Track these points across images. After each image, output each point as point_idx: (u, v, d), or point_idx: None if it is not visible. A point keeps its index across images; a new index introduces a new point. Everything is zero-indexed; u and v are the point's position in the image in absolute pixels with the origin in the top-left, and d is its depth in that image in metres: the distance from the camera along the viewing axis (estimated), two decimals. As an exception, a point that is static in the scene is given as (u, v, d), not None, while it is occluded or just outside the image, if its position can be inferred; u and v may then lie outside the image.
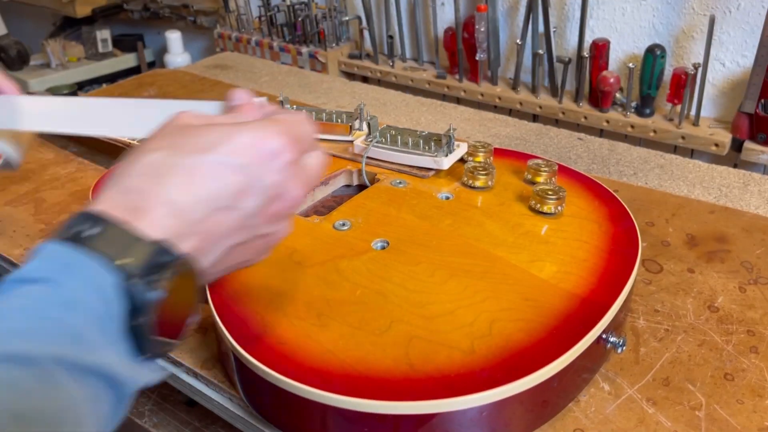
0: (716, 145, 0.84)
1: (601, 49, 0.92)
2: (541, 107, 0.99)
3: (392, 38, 1.17)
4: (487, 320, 0.39)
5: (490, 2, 0.99)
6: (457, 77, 1.09)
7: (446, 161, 0.55)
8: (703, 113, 0.88)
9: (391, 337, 0.38)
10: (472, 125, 0.84)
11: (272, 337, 0.38)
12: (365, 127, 0.61)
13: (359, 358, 0.36)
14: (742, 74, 0.85)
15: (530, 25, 0.97)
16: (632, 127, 0.91)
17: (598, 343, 0.39)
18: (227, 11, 1.41)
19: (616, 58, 0.95)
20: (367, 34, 1.22)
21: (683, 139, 0.87)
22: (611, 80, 0.90)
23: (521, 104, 1.01)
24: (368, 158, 0.58)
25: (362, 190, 0.55)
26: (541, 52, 0.97)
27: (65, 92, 1.72)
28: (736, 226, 0.57)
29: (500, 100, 1.04)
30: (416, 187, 0.54)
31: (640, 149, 0.74)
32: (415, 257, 0.45)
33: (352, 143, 0.61)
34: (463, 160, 0.57)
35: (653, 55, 0.86)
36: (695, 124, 0.87)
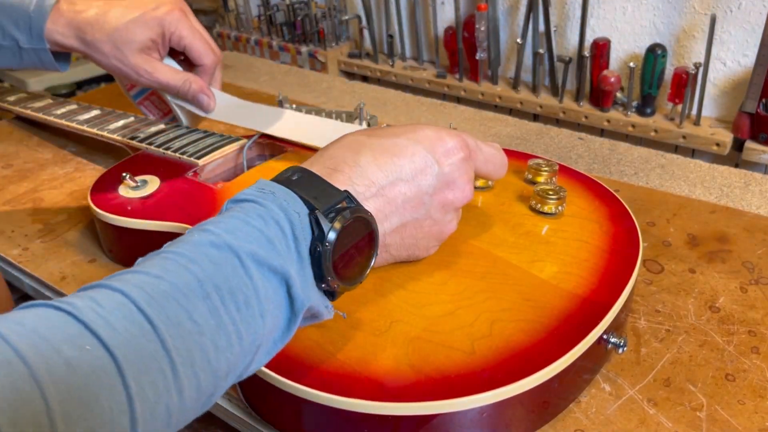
0: (717, 144, 0.84)
1: (601, 48, 0.92)
2: (541, 107, 0.99)
3: (392, 37, 1.16)
4: (487, 320, 0.38)
5: (490, 1, 0.99)
6: (457, 76, 1.09)
7: None
8: (704, 113, 0.87)
9: (391, 337, 0.37)
10: (472, 125, 0.83)
11: (271, 337, 0.38)
12: (365, 126, 0.61)
13: (359, 358, 0.36)
14: (743, 74, 0.85)
15: (531, 24, 0.97)
16: (633, 126, 0.90)
17: (599, 343, 0.39)
18: (226, 10, 1.41)
19: (616, 57, 0.95)
20: (366, 33, 1.22)
21: (684, 138, 0.87)
22: (612, 80, 0.89)
23: (522, 104, 1.01)
24: None
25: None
26: (541, 51, 0.96)
27: (64, 92, 1.71)
28: (737, 226, 0.57)
29: (500, 99, 1.04)
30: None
31: (641, 149, 0.74)
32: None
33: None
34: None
35: (654, 54, 0.86)
36: (696, 123, 0.87)
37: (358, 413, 0.34)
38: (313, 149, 0.60)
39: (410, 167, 0.39)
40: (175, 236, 0.33)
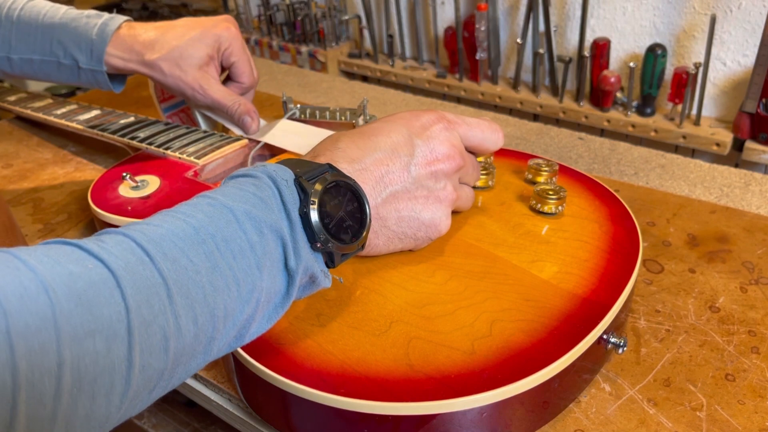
0: (717, 144, 0.84)
1: (601, 48, 0.92)
2: (541, 107, 0.99)
3: (392, 37, 1.16)
4: (487, 321, 0.38)
5: (490, 1, 0.99)
6: (457, 76, 1.09)
7: None
8: (704, 113, 0.88)
9: (391, 337, 0.37)
10: (472, 125, 0.83)
11: (272, 337, 0.38)
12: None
13: (359, 358, 0.36)
14: (743, 74, 0.85)
15: (531, 24, 0.97)
16: (633, 126, 0.90)
17: (598, 343, 0.39)
18: (226, 10, 1.41)
19: (617, 57, 0.95)
20: (366, 33, 1.22)
21: (684, 138, 0.87)
22: (612, 80, 0.89)
23: (522, 104, 1.01)
24: None
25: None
26: (541, 51, 0.96)
27: (64, 92, 1.71)
28: (737, 226, 0.57)
29: (501, 99, 1.04)
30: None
31: (641, 149, 0.74)
32: (415, 257, 0.45)
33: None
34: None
35: (654, 54, 0.86)
36: (696, 123, 0.87)
37: (358, 413, 0.34)
38: None
39: (389, 142, 0.41)
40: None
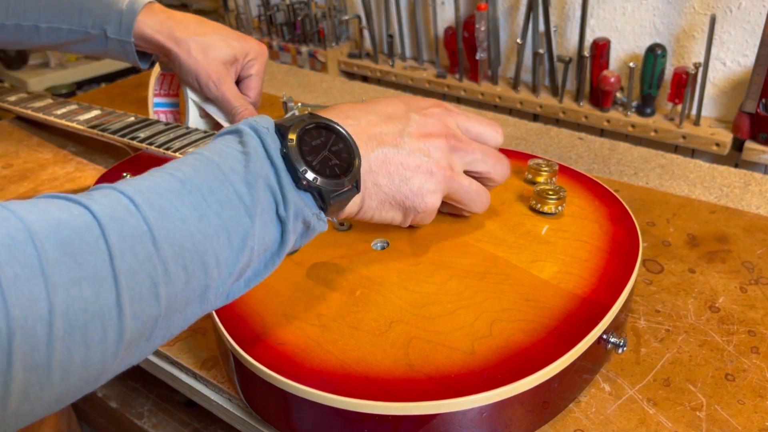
0: (717, 144, 0.84)
1: (601, 48, 0.92)
2: (541, 107, 0.99)
3: (392, 37, 1.16)
4: (487, 320, 0.38)
5: (490, 1, 0.99)
6: (457, 76, 1.09)
7: None
8: (704, 113, 0.88)
9: (391, 337, 0.38)
10: (472, 125, 0.83)
11: (272, 337, 0.38)
12: None
13: (359, 358, 0.36)
14: (743, 74, 0.85)
15: (531, 24, 0.97)
16: (633, 126, 0.90)
17: (598, 343, 0.39)
18: (226, 10, 1.41)
19: (616, 57, 0.95)
20: (366, 33, 1.22)
21: (684, 138, 0.87)
22: (612, 80, 0.89)
23: (522, 104, 1.01)
24: None
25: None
26: (541, 51, 0.96)
27: (64, 92, 1.71)
28: (737, 226, 0.57)
29: (501, 99, 1.04)
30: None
31: (640, 149, 0.74)
32: (415, 257, 0.45)
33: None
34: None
35: (654, 54, 0.86)
36: (696, 123, 0.87)
37: (358, 413, 0.34)
38: None
39: (386, 110, 0.42)
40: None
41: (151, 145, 0.62)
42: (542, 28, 0.97)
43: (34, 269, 0.25)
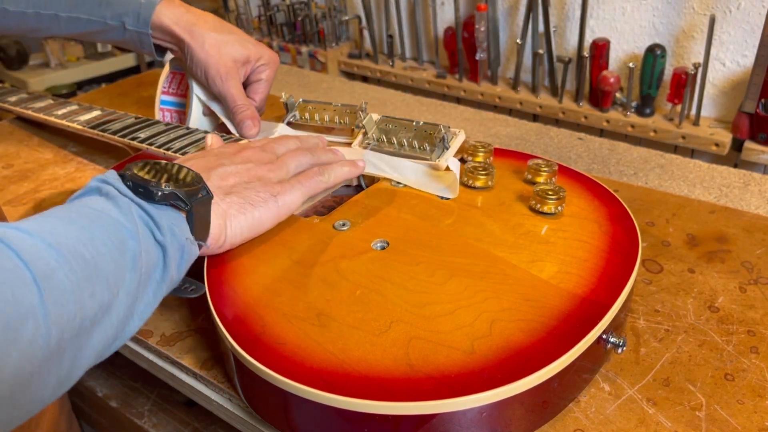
0: (716, 144, 0.84)
1: (601, 48, 0.92)
2: (541, 107, 0.99)
3: (392, 38, 1.17)
4: (487, 320, 0.38)
5: (490, 2, 0.99)
6: (457, 77, 1.09)
7: (443, 161, 0.55)
8: (703, 113, 0.88)
9: (391, 337, 0.38)
10: (472, 125, 0.84)
11: (272, 337, 0.38)
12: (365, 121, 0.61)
13: (359, 358, 0.36)
14: (742, 74, 0.85)
15: (530, 24, 0.97)
16: (632, 126, 0.91)
17: (598, 343, 0.39)
18: (226, 11, 1.41)
19: (616, 57, 0.95)
20: (366, 33, 1.22)
21: (683, 138, 0.87)
22: (611, 80, 0.90)
23: (521, 104, 1.01)
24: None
25: (362, 190, 0.55)
26: (541, 51, 0.97)
27: (64, 92, 1.71)
28: (736, 226, 0.57)
29: (500, 99, 1.04)
30: (416, 186, 0.54)
31: (640, 149, 0.74)
32: (415, 257, 0.45)
33: (350, 144, 0.61)
34: (463, 160, 0.57)
35: (653, 54, 0.86)
36: (695, 123, 0.87)
37: (358, 413, 0.34)
38: None
39: (196, 157, 0.49)
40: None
41: (151, 145, 0.62)
42: (542, 28, 0.97)
43: None
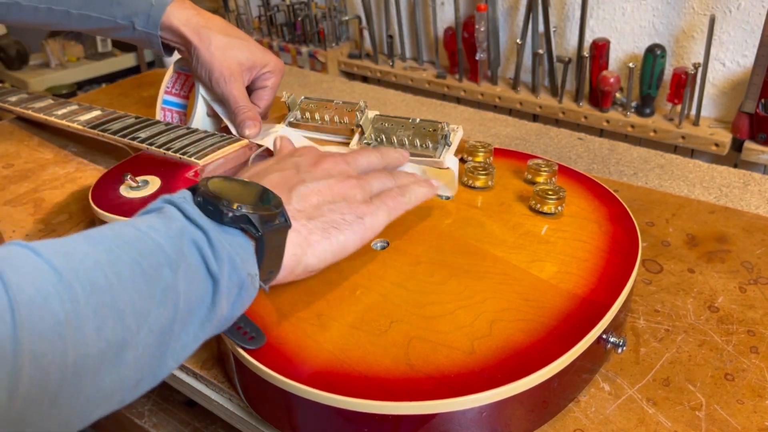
0: (716, 144, 0.84)
1: (601, 48, 0.92)
2: (541, 107, 0.99)
3: (392, 38, 1.17)
4: (487, 320, 0.39)
5: (490, 2, 0.99)
6: (457, 77, 1.09)
7: (446, 158, 0.55)
8: (703, 113, 0.88)
9: (390, 337, 0.38)
10: (472, 125, 0.84)
11: (272, 337, 0.38)
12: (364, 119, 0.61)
13: (359, 358, 0.36)
14: (742, 74, 0.85)
15: (530, 24, 0.97)
16: (632, 126, 0.91)
17: (598, 343, 0.39)
18: (227, 11, 1.41)
19: (616, 57, 0.95)
20: (366, 33, 1.22)
21: (683, 139, 0.87)
22: (611, 80, 0.90)
23: (521, 104, 1.01)
24: None
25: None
26: (541, 51, 0.97)
27: (64, 92, 1.71)
28: (736, 226, 0.57)
29: (500, 99, 1.04)
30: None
31: (640, 149, 0.74)
32: (415, 257, 0.45)
33: (348, 144, 0.61)
34: (463, 160, 0.57)
35: (653, 54, 0.86)
36: (695, 123, 0.87)
37: (358, 413, 0.34)
38: None
39: (273, 168, 0.44)
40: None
41: (151, 145, 0.62)
42: (542, 28, 0.97)
43: None
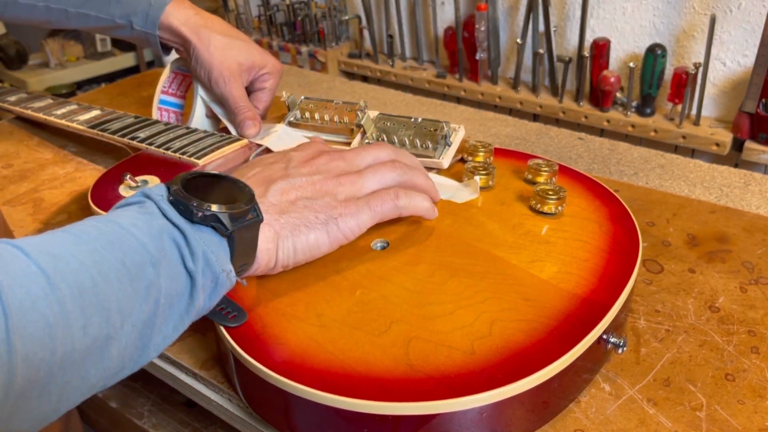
0: (717, 144, 0.84)
1: (601, 48, 0.92)
2: (541, 107, 0.99)
3: (392, 37, 1.17)
4: (487, 321, 0.38)
5: (490, 1, 0.99)
6: (457, 77, 1.09)
7: (446, 159, 0.55)
8: (703, 113, 0.88)
9: (391, 337, 0.38)
10: (472, 125, 0.83)
11: (272, 337, 0.38)
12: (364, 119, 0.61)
13: (359, 358, 0.36)
14: (742, 74, 0.85)
15: (530, 24, 0.97)
16: (633, 126, 0.90)
17: (598, 343, 0.39)
18: (226, 10, 1.41)
19: (616, 57, 0.95)
20: (366, 33, 1.22)
21: (684, 138, 0.87)
22: (612, 80, 0.90)
23: (521, 104, 1.01)
24: None
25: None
26: (541, 51, 0.97)
27: (64, 92, 1.71)
28: (737, 226, 0.57)
29: (500, 99, 1.04)
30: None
31: (640, 149, 0.74)
32: (415, 257, 0.45)
33: (349, 144, 0.61)
34: (463, 160, 0.57)
35: (654, 54, 0.86)
36: (696, 123, 0.87)
37: (358, 413, 0.34)
38: None
39: (264, 162, 0.44)
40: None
41: (150, 145, 0.62)
42: (542, 28, 0.97)
43: None
